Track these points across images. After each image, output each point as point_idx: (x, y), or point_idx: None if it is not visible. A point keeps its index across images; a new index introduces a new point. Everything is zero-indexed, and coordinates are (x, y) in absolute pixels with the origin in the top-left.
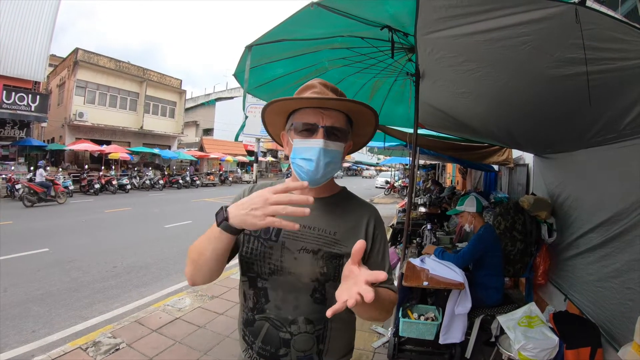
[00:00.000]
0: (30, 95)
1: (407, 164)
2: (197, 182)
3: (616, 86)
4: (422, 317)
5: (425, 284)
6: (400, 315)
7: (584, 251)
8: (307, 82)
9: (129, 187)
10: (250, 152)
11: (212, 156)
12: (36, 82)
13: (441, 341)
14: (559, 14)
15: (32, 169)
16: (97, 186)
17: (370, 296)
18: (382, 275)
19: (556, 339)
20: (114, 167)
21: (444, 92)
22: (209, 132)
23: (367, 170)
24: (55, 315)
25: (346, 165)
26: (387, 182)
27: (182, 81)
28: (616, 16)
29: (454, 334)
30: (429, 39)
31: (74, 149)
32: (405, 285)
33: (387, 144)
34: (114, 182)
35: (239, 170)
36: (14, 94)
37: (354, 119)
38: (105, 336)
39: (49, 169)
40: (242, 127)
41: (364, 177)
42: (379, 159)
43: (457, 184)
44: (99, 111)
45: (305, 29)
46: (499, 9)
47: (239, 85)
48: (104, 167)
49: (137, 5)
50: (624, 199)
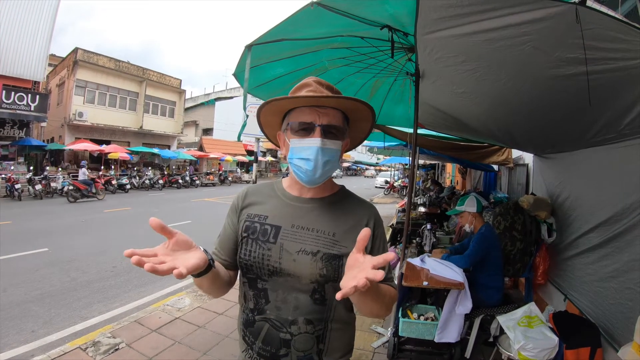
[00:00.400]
0: (29, 95)
1: (406, 164)
2: (197, 181)
3: (616, 86)
4: (421, 317)
5: (425, 284)
6: (400, 315)
7: (584, 251)
8: (302, 81)
9: (128, 186)
10: (250, 152)
11: (211, 156)
12: (36, 82)
13: (436, 339)
14: (559, 13)
15: (31, 168)
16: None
17: (380, 274)
18: (391, 255)
19: (556, 339)
20: (113, 167)
21: (443, 92)
22: (208, 131)
23: (368, 170)
24: (54, 315)
25: (345, 165)
26: (386, 182)
27: (181, 81)
28: (616, 16)
29: (450, 334)
30: (428, 39)
31: (73, 148)
32: (405, 285)
33: (386, 144)
34: (114, 182)
35: (239, 170)
36: (13, 93)
37: (350, 116)
38: (104, 336)
39: (88, 170)
40: (243, 126)
41: (366, 177)
42: (378, 159)
43: (457, 183)
44: (99, 111)
45: (305, 28)
46: (499, 8)
47: (238, 85)
48: (103, 167)
49: (137, 5)
50: (623, 198)
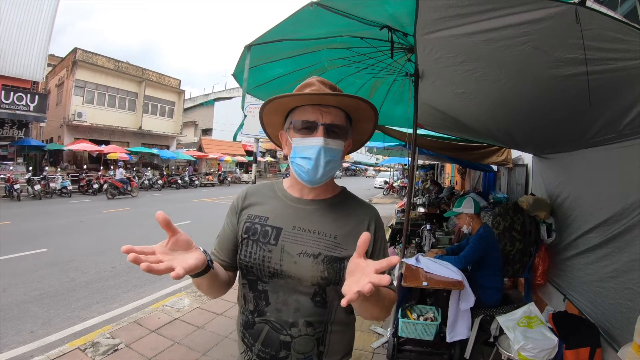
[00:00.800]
0: (28, 95)
1: (406, 164)
2: (196, 182)
3: (616, 86)
4: (421, 318)
5: (424, 284)
6: (399, 315)
7: (583, 251)
8: (305, 81)
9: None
10: (249, 153)
11: (210, 156)
12: (35, 82)
13: (448, 340)
14: (559, 14)
15: (30, 168)
16: (95, 186)
17: (386, 279)
18: (395, 259)
19: (555, 339)
20: (112, 167)
21: (443, 92)
22: (207, 132)
23: (368, 170)
24: (53, 315)
25: (345, 165)
26: (385, 182)
27: (181, 81)
28: (616, 16)
29: (460, 331)
30: (428, 39)
31: (72, 149)
32: (404, 285)
33: (386, 144)
34: None
35: (238, 170)
36: (12, 93)
37: (353, 116)
38: (103, 337)
39: (124, 169)
40: (240, 126)
41: (367, 177)
42: (377, 159)
43: (456, 184)
44: (98, 111)
45: (304, 28)
46: (498, 8)
47: (237, 85)
48: (102, 167)
49: (137, 5)
50: (623, 199)
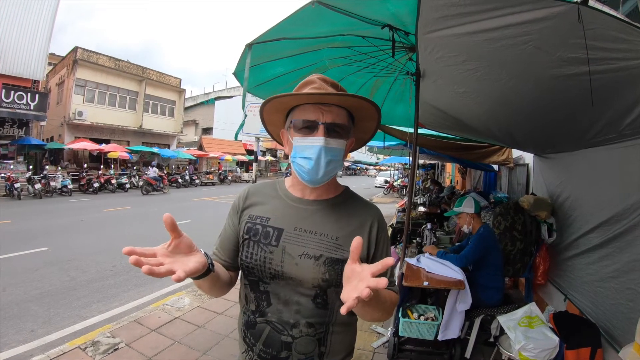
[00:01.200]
0: (29, 93)
1: (406, 164)
2: (197, 181)
3: (617, 86)
4: (422, 317)
5: (425, 284)
6: (400, 315)
7: (584, 251)
8: (306, 78)
9: (128, 186)
10: (249, 152)
11: (211, 155)
12: (35, 81)
13: (440, 337)
14: (561, 13)
15: (31, 167)
16: (96, 185)
17: (384, 282)
18: (390, 261)
19: (556, 339)
20: (113, 166)
21: (444, 92)
22: (208, 131)
23: (368, 169)
24: (54, 314)
25: (346, 164)
26: (386, 182)
27: (181, 80)
28: (618, 16)
29: (452, 330)
30: (429, 38)
31: (73, 147)
32: (405, 285)
33: (386, 144)
34: (113, 181)
35: (238, 169)
36: (13, 92)
37: (355, 114)
38: (104, 336)
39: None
40: (241, 125)
41: (369, 177)
42: (378, 158)
43: (457, 183)
44: (98, 110)
45: (305, 27)
46: (500, 8)
47: (238, 84)
48: (103, 166)
49: (137, 5)
50: (624, 199)
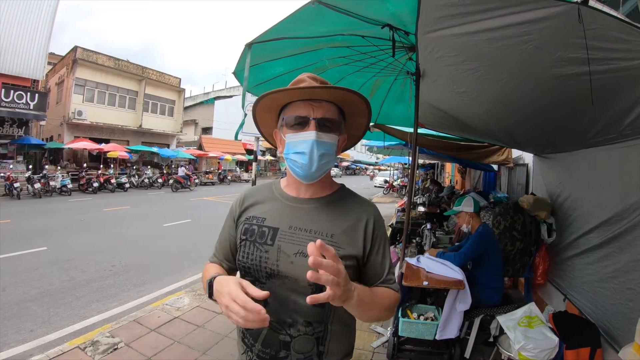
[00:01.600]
0: (28, 93)
1: (406, 164)
2: (196, 180)
3: (617, 86)
4: (421, 317)
5: (425, 283)
6: (399, 315)
7: (584, 251)
8: (296, 78)
9: (127, 185)
10: (249, 151)
11: (210, 155)
12: (35, 80)
13: (437, 337)
14: (561, 13)
15: (30, 167)
16: (95, 185)
17: (312, 276)
18: (330, 269)
19: (556, 339)
20: (112, 166)
21: (444, 92)
22: (207, 130)
23: (368, 169)
24: (53, 314)
25: (345, 164)
26: (385, 182)
27: (181, 80)
28: (618, 16)
29: (451, 330)
30: (429, 38)
31: (72, 147)
32: (405, 285)
33: (386, 143)
34: (113, 181)
35: (238, 169)
36: (12, 92)
37: (346, 110)
38: (103, 335)
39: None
40: (241, 125)
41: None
42: (377, 158)
43: (456, 183)
44: (98, 109)
45: (305, 27)
46: (500, 8)
47: (238, 84)
48: (102, 166)
49: (136, 5)
50: (624, 199)
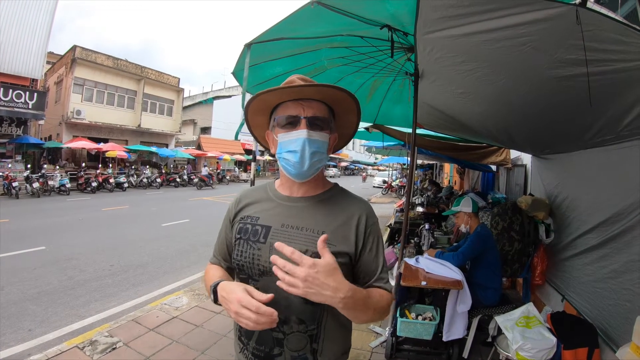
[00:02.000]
0: (27, 92)
1: (404, 164)
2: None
3: (615, 88)
4: (419, 317)
5: (423, 283)
6: (398, 315)
7: (582, 252)
8: (286, 79)
9: (126, 185)
10: (247, 151)
11: (209, 155)
12: (34, 80)
13: (444, 339)
14: (559, 14)
15: (29, 166)
16: (94, 184)
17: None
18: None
19: (554, 340)
20: (111, 165)
21: (443, 92)
22: (206, 130)
23: (367, 169)
24: (51, 314)
25: (344, 164)
26: (384, 182)
27: (180, 79)
28: (616, 17)
29: (457, 331)
30: (428, 39)
31: (71, 146)
32: (403, 285)
33: (385, 144)
34: (111, 180)
35: (237, 169)
36: (11, 91)
37: (336, 109)
38: (102, 335)
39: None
40: (241, 125)
41: (370, 177)
42: (376, 159)
43: (455, 184)
44: (97, 109)
45: (305, 27)
46: (499, 9)
47: (237, 84)
48: (101, 165)
49: (136, 5)
50: (622, 200)
